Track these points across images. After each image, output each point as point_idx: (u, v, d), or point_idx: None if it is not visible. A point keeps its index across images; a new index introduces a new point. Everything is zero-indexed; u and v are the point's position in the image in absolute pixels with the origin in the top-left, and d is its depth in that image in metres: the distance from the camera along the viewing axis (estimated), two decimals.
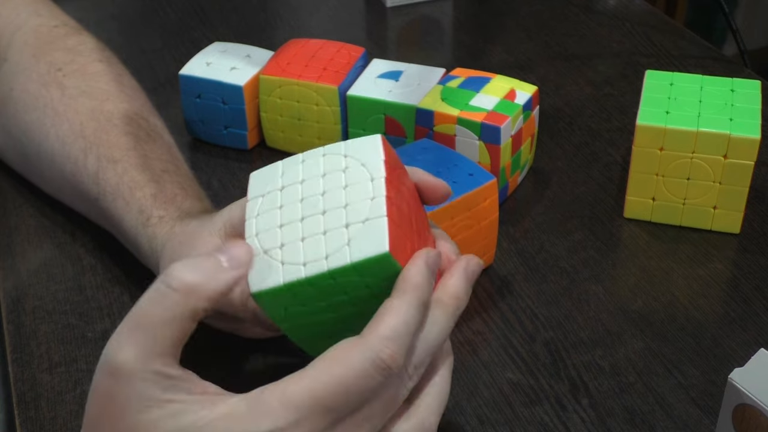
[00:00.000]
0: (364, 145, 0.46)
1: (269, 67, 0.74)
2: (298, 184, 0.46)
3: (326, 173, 0.46)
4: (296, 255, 0.43)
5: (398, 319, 0.41)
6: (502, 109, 0.67)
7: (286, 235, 0.44)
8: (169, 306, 0.41)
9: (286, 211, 0.45)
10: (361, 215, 0.43)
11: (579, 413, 0.54)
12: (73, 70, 0.68)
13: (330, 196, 0.45)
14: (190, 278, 0.41)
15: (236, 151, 0.77)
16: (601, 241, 0.68)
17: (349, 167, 0.46)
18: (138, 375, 0.40)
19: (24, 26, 0.71)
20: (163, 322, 0.41)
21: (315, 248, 0.43)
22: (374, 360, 0.40)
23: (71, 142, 0.64)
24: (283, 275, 0.43)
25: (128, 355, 0.40)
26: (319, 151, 0.47)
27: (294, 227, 0.44)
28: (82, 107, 0.66)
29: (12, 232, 0.69)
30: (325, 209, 0.44)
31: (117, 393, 0.41)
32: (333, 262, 0.43)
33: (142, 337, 0.41)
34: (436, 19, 0.98)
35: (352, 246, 0.43)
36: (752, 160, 0.64)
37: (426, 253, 0.44)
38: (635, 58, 0.90)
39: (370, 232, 0.43)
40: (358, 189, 0.44)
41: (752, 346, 0.59)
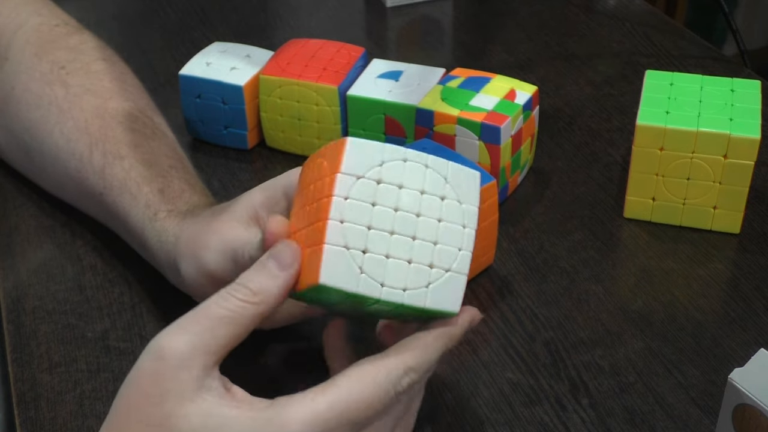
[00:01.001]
0: (464, 179, 0.46)
1: (269, 67, 0.74)
2: (396, 188, 0.44)
3: (425, 192, 0.45)
4: (378, 271, 0.43)
5: (426, 356, 0.45)
6: (502, 109, 0.67)
7: (372, 243, 0.43)
8: (231, 307, 0.43)
9: (378, 213, 0.44)
10: (446, 262, 0.45)
11: (579, 413, 0.54)
12: (76, 69, 0.68)
13: (424, 222, 0.45)
14: (253, 287, 0.44)
15: (236, 151, 0.78)
16: (601, 241, 0.68)
17: (447, 198, 0.45)
18: (185, 364, 0.42)
19: (25, 25, 0.71)
20: (221, 319, 0.43)
21: (397, 274, 0.44)
22: (396, 385, 0.43)
23: (76, 138, 0.64)
24: (360, 285, 0.43)
25: (181, 342, 0.42)
26: (423, 158, 0.45)
27: (382, 238, 0.44)
28: (87, 105, 0.66)
29: (12, 232, 0.69)
30: (416, 236, 0.44)
31: (160, 377, 0.42)
32: (409, 298, 0.44)
33: (199, 329, 0.42)
34: (436, 19, 0.98)
35: (431, 292, 0.44)
36: (752, 160, 0.64)
37: (473, 315, 0.47)
38: (635, 58, 0.90)
39: (450, 286, 0.45)
40: (450, 232, 0.45)
41: (752, 346, 0.59)
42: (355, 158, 0.44)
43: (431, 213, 0.45)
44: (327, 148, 0.45)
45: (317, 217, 0.43)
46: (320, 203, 0.44)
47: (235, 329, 0.43)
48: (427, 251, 0.44)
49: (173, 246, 0.56)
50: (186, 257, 0.54)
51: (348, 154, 0.44)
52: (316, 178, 0.45)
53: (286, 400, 0.42)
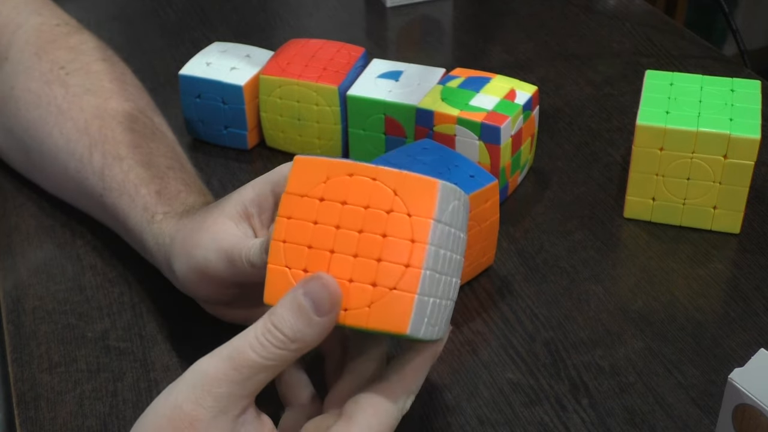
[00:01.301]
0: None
1: (269, 67, 0.74)
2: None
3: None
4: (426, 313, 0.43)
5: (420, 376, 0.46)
6: (502, 109, 0.67)
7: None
8: (269, 356, 0.43)
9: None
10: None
11: (579, 413, 0.54)
12: (76, 69, 0.68)
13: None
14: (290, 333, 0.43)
15: (236, 151, 0.78)
16: (601, 241, 0.68)
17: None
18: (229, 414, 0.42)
19: (25, 25, 0.71)
20: (260, 368, 0.43)
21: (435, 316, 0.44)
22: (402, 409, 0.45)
23: (76, 139, 0.64)
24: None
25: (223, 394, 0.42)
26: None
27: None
28: (87, 105, 0.66)
29: (12, 232, 0.69)
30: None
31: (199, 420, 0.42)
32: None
33: (238, 375, 0.42)
34: (436, 19, 0.98)
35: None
36: (752, 160, 0.64)
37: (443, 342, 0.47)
38: (635, 58, 0.90)
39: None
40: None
41: (752, 346, 0.59)
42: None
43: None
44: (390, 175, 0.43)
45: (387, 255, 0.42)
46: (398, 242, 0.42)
47: (273, 372, 0.43)
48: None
49: (169, 247, 0.56)
50: (179, 256, 0.55)
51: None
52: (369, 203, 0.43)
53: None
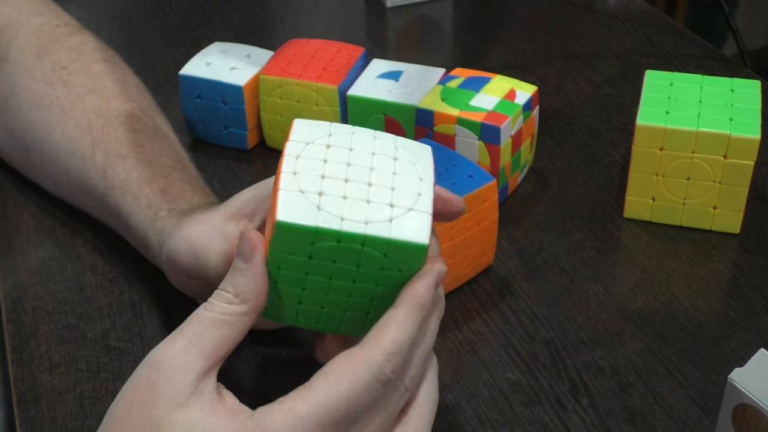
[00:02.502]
0: (415, 148, 0.46)
1: (269, 67, 0.74)
2: (345, 150, 0.45)
3: (376, 153, 0.45)
4: (335, 208, 0.43)
5: (403, 334, 0.42)
6: (502, 109, 0.67)
7: (326, 187, 0.43)
8: (220, 310, 0.43)
9: (330, 166, 0.44)
10: (407, 202, 0.43)
11: (579, 413, 0.54)
12: (78, 69, 0.68)
13: (378, 174, 0.44)
14: (231, 288, 0.44)
15: (236, 151, 0.78)
16: (601, 241, 0.68)
17: (400, 159, 0.45)
18: (180, 368, 0.42)
19: (25, 25, 0.72)
20: (213, 322, 0.43)
21: (355, 210, 0.43)
22: (378, 375, 0.41)
23: (78, 138, 0.65)
24: (318, 219, 0.42)
25: (175, 349, 0.42)
26: (370, 132, 0.46)
27: (336, 183, 0.43)
28: (89, 105, 0.66)
29: (12, 232, 0.69)
30: (371, 183, 0.44)
31: (154, 384, 0.41)
32: (372, 229, 0.42)
33: (191, 334, 0.42)
34: (436, 19, 0.98)
35: (394, 225, 0.43)
36: (752, 160, 0.64)
37: (438, 271, 0.44)
38: (635, 58, 0.90)
39: (414, 221, 0.43)
40: (407, 181, 0.44)
41: (752, 346, 0.59)
42: (304, 131, 0.46)
43: (385, 167, 0.45)
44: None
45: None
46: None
47: (226, 331, 0.43)
48: (386, 195, 0.44)
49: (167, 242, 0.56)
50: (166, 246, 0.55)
51: (296, 128, 0.46)
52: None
53: (265, 411, 0.41)
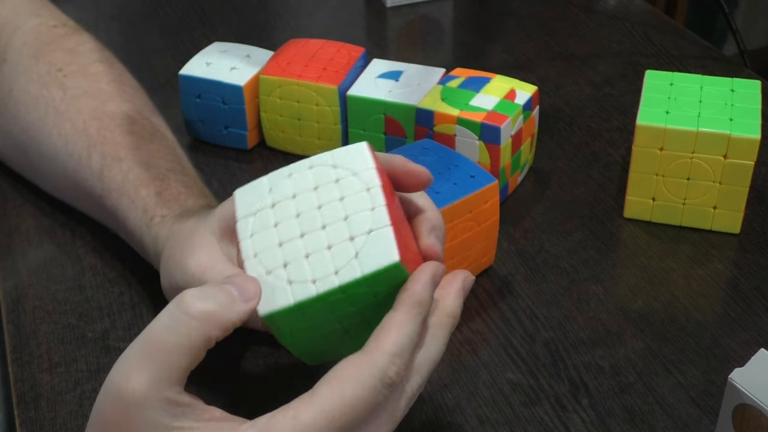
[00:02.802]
0: (351, 154, 0.45)
1: (269, 67, 0.74)
2: (290, 200, 0.45)
3: (318, 186, 0.45)
4: (303, 273, 0.43)
5: (403, 335, 0.42)
6: (502, 109, 0.67)
7: (287, 254, 0.43)
8: (185, 333, 0.40)
9: (282, 228, 0.44)
10: (364, 227, 0.43)
11: (579, 413, 0.54)
12: (74, 71, 0.68)
13: (327, 209, 0.44)
14: (206, 307, 0.41)
15: (236, 151, 0.78)
16: (601, 241, 0.68)
17: (341, 178, 0.45)
18: (149, 403, 0.39)
19: (23, 26, 0.71)
20: (178, 349, 0.40)
21: (322, 264, 0.43)
22: (382, 378, 0.41)
23: (74, 140, 0.64)
24: (293, 295, 0.43)
25: (140, 383, 0.39)
26: (305, 164, 0.46)
27: (294, 245, 0.44)
28: (85, 107, 0.66)
29: (12, 232, 0.69)
30: (325, 223, 0.44)
31: (126, 421, 0.40)
32: (344, 276, 0.42)
33: (155, 365, 0.40)
34: (436, 19, 0.98)
35: (361, 258, 0.42)
36: (752, 160, 0.64)
37: (433, 268, 0.44)
38: (635, 58, 0.90)
39: (377, 243, 0.42)
40: (356, 200, 0.44)
41: (752, 346, 0.59)
42: (246, 201, 0.46)
43: (331, 197, 0.44)
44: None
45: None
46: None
47: (193, 354, 0.40)
48: (342, 229, 0.43)
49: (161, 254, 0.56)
50: (164, 273, 0.54)
51: (238, 201, 0.46)
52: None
53: (268, 419, 0.40)
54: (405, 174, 0.47)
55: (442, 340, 0.45)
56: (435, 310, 0.45)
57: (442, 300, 0.46)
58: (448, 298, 0.46)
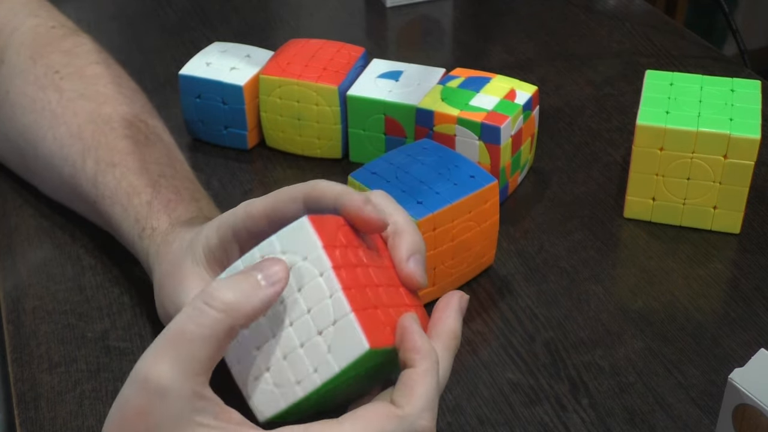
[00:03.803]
0: (296, 236, 0.43)
1: (269, 67, 0.74)
2: None
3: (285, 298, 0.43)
4: (285, 376, 0.43)
5: (430, 387, 0.42)
6: (502, 109, 0.67)
7: (266, 358, 0.43)
8: (209, 324, 0.41)
9: (255, 331, 0.44)
10: (327, 318, 0.42)
11: (579, 413, 0.54)
12: (70, 73, 0.68)
13: (289, 303, 0.43)
14: (230, 297, 0.41)
15: (236, 151, 0.78)
16: (601, 241, 0.68)
17: (293, 265, 0.43)
18: (174, 392, 0.40)
19: (21, 27, 0.71)
20: (202, 339, 0.40)
21: (300, 364, 0.43)
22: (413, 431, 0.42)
23: (69, 144, 0.64)
24: (283, 399, 0.43)
25: (166, 372, 0.40)
26: (255, 255, 0.44)
27: (270, 347, 0.43)
28: (81, 110, 0.65)
29: (12, 232, 0.69)
30: (291, 320, 0.43)
31: (151, 410, 0.40)
32: (323, 374, 0.42)
33: (181, 355, 0.40)
34: (436, 19, 0.98)
35: (334, 353, 0.42)
36: (752, 160, 0.64)
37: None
38: (635, 58, 0.90)
39: (345, 334, 0.42)
40: (312, 288, 0.43)
41: (752, 346, 0.59)
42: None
43: (289, 291, 0.43)
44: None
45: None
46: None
47: (216, 345, 0.41)
48: (308, 325, 0.43)
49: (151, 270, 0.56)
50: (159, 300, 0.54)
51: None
52: None
53: None
54: (359, 220, 0.46)
55: (449, 363, 0.46)
56: (440, 334, 0.46)
57: (444, 323, 0.46)
58: (449, 321, 0.46)
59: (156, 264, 0.56)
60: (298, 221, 0.44)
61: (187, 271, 0.51)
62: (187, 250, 0.52)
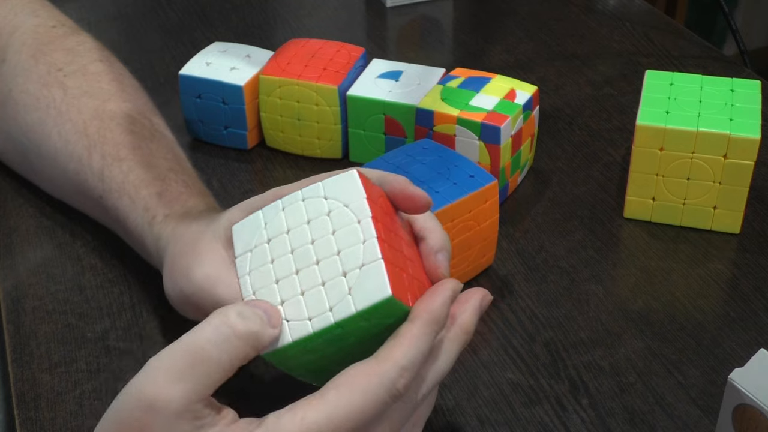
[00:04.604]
0: (342, 184, 0.45)
1: (269, 67, 0.74)
2: (284, 235, 0.45)
3: (311, 219, 0.45)
4: (299, 311, 0.43)
5: (416, 349, 0.42)
6: (502, 109, 0.67)
7: (284, 291, 0.44)
8: (229, 350, 0.41)
9: (278, 265, 0.45)
10: (356, 261, 0.43)
11: (579, 413, 0.54)
12: (74, 71, 0.68)
13: (320, 243, 0.44)
14: (252, 327, 0.42)
15: (236, 151, 0.78)
16: (601, 241, 0.68)
17: (333, 210, 0.45)
18: (181, 415, 0.40)
19: (22, 27, 0.71)
20: (219, 365, 0.41)
21: (317, 301, 0.43)
22: (390, 389, 0.41)
23: (75, 140, 0.64)
24: (291, 333, 0.43)
25: (176, 394, 0.40)
26: (298, 196, 0.46)
27: (290, 281, 0.44)
28: (85, 107, 0.66)
29: (12, 232, 0.69)
30: (318, 258, 0.44)
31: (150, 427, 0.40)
32: (338, 313, 0.42)
33: (195, 378, 0.40)
34: (436, 19, 0.98)
35: (354, 294, 0.42)
36: (752, 160, 0.64)
37: (453, 286, 0.45)
38: (635, 58, 0.90)
39: (370, 278, 0.42)
40: (347, 233, 0.44)
41: (752, 346, 0.59)
42: (242, 238, 0.47)
43: (323, 231, 0.44)
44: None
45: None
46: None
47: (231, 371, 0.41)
48: (335, 264, 0.43)
49: (164, 253, 0.56)
50: (169, 278, 0.54)
51: (236, 237, 0.47)
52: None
53: (275, 419, 0.41)
54: (403, 197, 0.47)
55: (454, 355, 0.46)
56: (451, 325, 0.46)
57: (460, 316, 0.46)
58: (465, 315, 0.46)
59: (170, 244, 0.55)
60: (347, 171, 0.45)
61: (205, 246, 0.51)
62: (207, 229, 0.52)
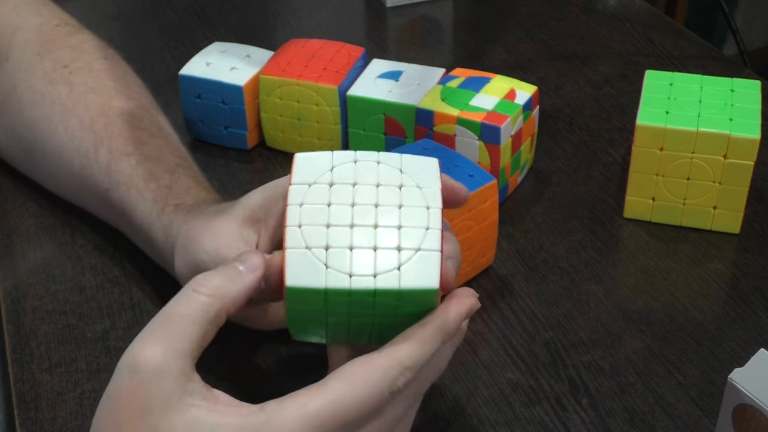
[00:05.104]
0: (421, 166, 0.45)
1: (269, 67, 0.74)
2: (349, 186, 0.45)
3: (381, 184, 0.45)
4: (342, 262, 0.42)
5: (422, 352, 0.43)
6: (502, 109, 0.67)
7: (332, 238, 0.43)
8: (194, 306, 0.43)
9: (335, 211, 0.44)
10: (414, 242, 0.43)
11: (579, 413, 0.54)
12: (79, 68, 0.68)
13: (383, 211, 0.44)
14: (217, 282, 0.44)
15: (236, 151, 0.78)
16: (601, 241, 0.68)
17: (405, 186, 0.45)
18: (165, 372, 0.41)
19: (24, 25, 0.72)
20: (191, 321, 0.42)
21: (363, 262, 0.42)
22: (391, 385, 0.42)
23: (81, 136, 0.65)
24: (326, 279, 0.42)
25: (154, 351, 0.41)
26: (374, 156, 0.46)
27: (342, 232, 0.43)
28: (91, 103, 0.66)
29: (12, 232, 0.69)
30: (377, 224, 0.43)
31: (140, 390, 0.41)
32: (381, 282, 0.42)
33: (170, 335, 0.42)
34: (436, 19, 0.98)
35: (403, 272, 0.42)
36: (752, 160, 0.64)
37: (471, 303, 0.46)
38: (635, 58, 0.90)
39: (423, 264, 0.43)
40: (413, 214, 0.44)
41: (752, 346, 0.59)
42: (305, 169, 0.46)
43: (390, 200, 0.44)
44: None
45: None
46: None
47: (204, 328, 0.42)
48: (392, 236, 0.43)
49: (176, 238, 0.56)
50: (179, 253, 0.55)
51: (297, 166, 0.46)
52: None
53: (276, 405, 0.41)
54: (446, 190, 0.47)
55: (448, 354, 0.46)
56: None
57: None
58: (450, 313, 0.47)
59: (184, 225, 0.56)
60: (429, 158, 0.46)
61: (220, 224, 0.52)
62: (224, 210, 0.53)
